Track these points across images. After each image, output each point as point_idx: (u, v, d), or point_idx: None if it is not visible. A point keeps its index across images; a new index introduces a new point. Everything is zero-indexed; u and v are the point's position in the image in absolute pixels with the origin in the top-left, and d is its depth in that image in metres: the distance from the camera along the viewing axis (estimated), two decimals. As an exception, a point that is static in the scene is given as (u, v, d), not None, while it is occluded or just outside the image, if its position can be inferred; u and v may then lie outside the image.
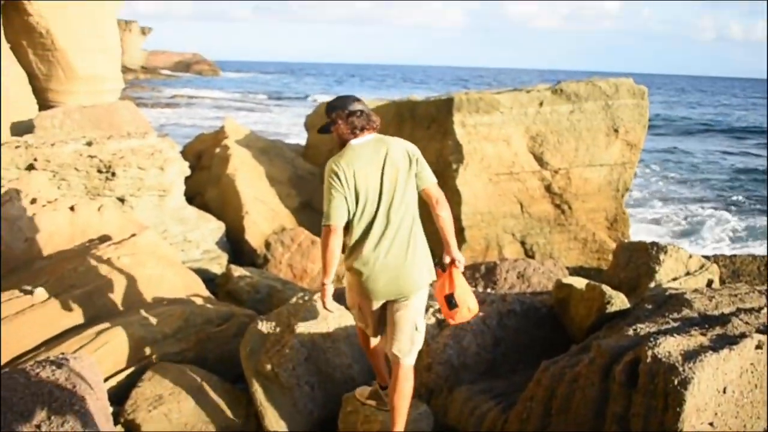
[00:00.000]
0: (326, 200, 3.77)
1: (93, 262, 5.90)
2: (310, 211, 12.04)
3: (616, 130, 11.81)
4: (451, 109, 11.20)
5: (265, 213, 11.56)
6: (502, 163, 11.40)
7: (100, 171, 8.96)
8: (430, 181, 3.98)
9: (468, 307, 4.02)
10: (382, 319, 4.02)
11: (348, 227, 3.84)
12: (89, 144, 9.25)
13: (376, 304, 3.95)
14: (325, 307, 3.98)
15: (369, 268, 3.82)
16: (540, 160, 11.63)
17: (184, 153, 12.72)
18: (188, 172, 10.24)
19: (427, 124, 11.85)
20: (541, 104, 11.68)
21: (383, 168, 3.82)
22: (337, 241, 3.77)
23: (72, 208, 6.70)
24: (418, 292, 3.95)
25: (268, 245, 10.83)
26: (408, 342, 3.93)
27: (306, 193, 12.54)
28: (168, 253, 6.89)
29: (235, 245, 11.10)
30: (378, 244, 3.81)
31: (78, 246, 6.48)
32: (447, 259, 4.06)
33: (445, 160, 11.28)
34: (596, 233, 11.84)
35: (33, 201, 6.73)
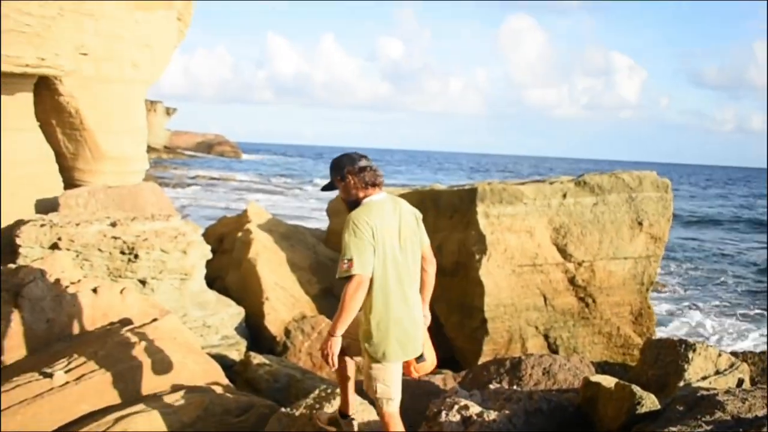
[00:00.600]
0: (355, 250, 3.72)
1: (113, 347, 5.79)
2: (330, 299, 11.92)
3: (640, 223, 11.75)
4: (474, 200, 11.21)
5: (285, 299, 11.47)
6: (526, 254, 11.31)
7: (123, 252, 8.95)
8: (426, 242, 4.18)
9: (432, 360, 4.16)
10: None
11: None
12: (113, 225, 9.27)
13: (396, 365, 3.93)
14: (330, 361, 3.82)
15: (394, 326, 3.86)
16: (563, 252, 11.54)
17: (206, 235, 12.74)
18: (210, 255, 10.21)
19: (450, 214, 11.84)
20: (564, 196, 11.67)
21: (400, 227, 3.92)
22: (363, 293, 3.75)
23: (95, 290, 6.64)
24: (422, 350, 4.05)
25: (287, 332, 10.69)
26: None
27: (327, 280, 12.45)
28: (188, 339, 6.77)
29: (255, 331, 10.96)
30: (403, 300, 3.89)
31: (99, 329, 6.39)
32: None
33: (468, 251, 11.21)
34: (621, 327, 11.61)
35: (56, 281, 6.68)
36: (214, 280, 11.98)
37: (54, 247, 8.67)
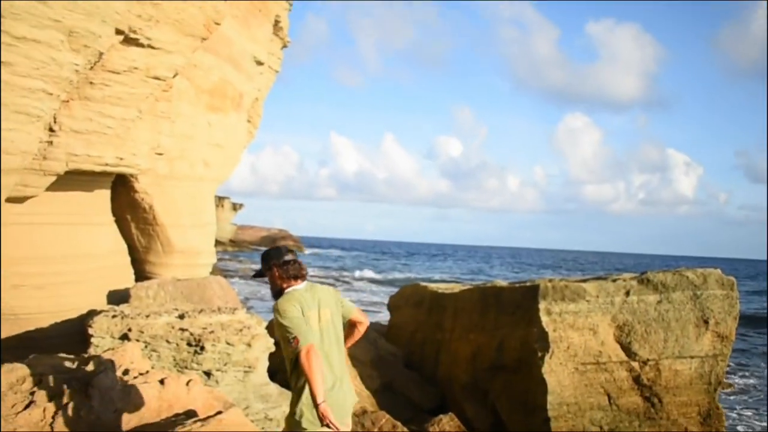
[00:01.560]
0: (294, 329, 4.30)
1: (178, 438, 5.91)
2: (391, 394, 11.86)
3: (706, 321, 11.48)
4: (536, 296, 11.17)
5: (345, 393, 11.43)
6: (589, 352, 11.12)
7: (189, 344, 9.17)
8: (353, 310, 4.83)
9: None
10: None
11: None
12: (181, 317, 9.54)
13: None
14: (331, 424, 4.15)
15: (329, 396, 4.25)
16: (628, 350, 11.31)
17: (269, 328, 12.86)
18: (273, 348, 10.35)
19: (512, 311, 11.79)
20: (627, 293, 11.53)
21: (320, 310, 4.53)
22: (317, 356, 4.25)
23: (162, 382, 6.81)
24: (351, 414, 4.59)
25: (348, 427, 10.61)
26: None
27: (388, 375, 12.41)
28: (251, 432, 6.84)
29: (315, 425, 10.89)
30: (332, 374, 4.43)
31: (164, 420, 6.51)
32: None
33: (530, 348, 11.09)
34: (689, 428, 11.19)
35: (125, 372, 6.89)
36: (275, 373, 12.04)
37: (124, 337, 8.96)
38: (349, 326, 4.83)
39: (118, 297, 11.91)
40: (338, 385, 4.45)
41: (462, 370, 12.64)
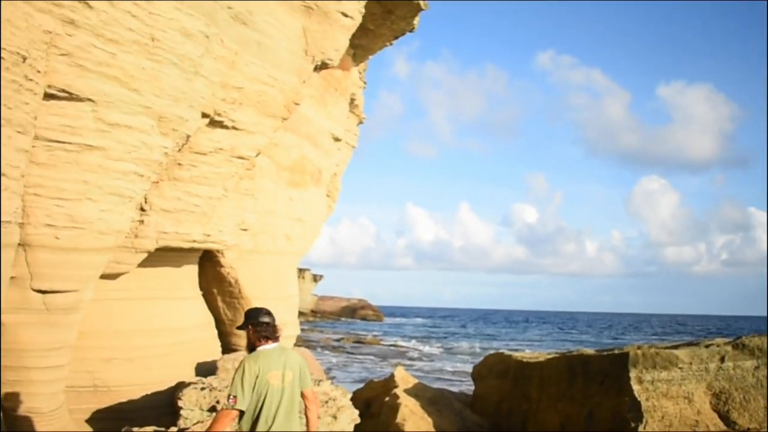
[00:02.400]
0: (239, 390, 4.98)
1: None
2: (477, 466, 11.60)
3: (809, 388, 10.87)
4: (626, 365, 10.84)
5: (431, 465, 11.27)
6: (685, 422, 10.65)
7: (275, 416, 9.22)
8: (310, 385, 5.43)
9: None
10: None
11: (245, 414, 5.04)
12: (267, 389, 9.63)
13: None
14: None
15: None
16: (726, 419, 10.79)
17: (354, 399, 12.86)
18: (358, 420, 10.32)
19: (601, 379, 11.44)
20: (722, 359, 11.07)
21: (284, 371, 5.14)
22: (232, 422, 5.02)
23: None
24: None
25: (433, 500, 10.42)
26: None
27: (473, 446, 12.18)
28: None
29: (399, 498, 10.75)
30: (281, 424, 5.05)
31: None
32: None
33: (622, 418, 10.71)
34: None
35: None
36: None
37: (212, 409, 9.10)
38: (303, 397, 5.40)
39: (206, 369, 12.12)
40: None
41: (550, 442, 12.26)
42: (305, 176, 16.06)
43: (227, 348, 13.80)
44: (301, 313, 72.31)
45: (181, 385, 10.18)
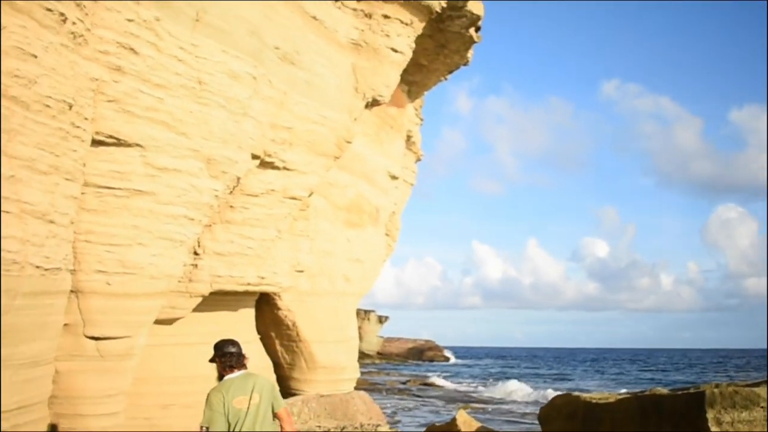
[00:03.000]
0: (208, 420, 5.43)
1: None
2: None
3: None
4: (702, 405, 10.17)
5: None
6: (770, 466, 9.89)
7: (331, 463, 8.96)
8: (282, 406, 5.71)
9: None
10: None
11: None
12: (323, 435, 9.38)
13: None
14: None
15: None
16: (818, 462, 9.97)
17: (414, 444, 12.50)
18: (417, 466, 9.96)
19: (675, 421, 10.76)
20: (810, 398, 10.28)
21: (251, 395, 5.50)
22: None
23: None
24: None
25: None
26: None
27: (541, 494, 11.58)
28: None
29: None
30: None
31: None
32: None
33: (699, 462, 10.02)
34: None
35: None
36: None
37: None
38: (278, 418, 5.69)
39: (264, 416, 11.92)
40: None
41: (624, 488, 11.57)
42: (363, 216, 15.93)
43: (286, 392, 13.60)
44: (366, 356, 72.19)
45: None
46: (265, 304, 13.39)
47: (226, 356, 5.71)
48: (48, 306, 6.97)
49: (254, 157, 9.55)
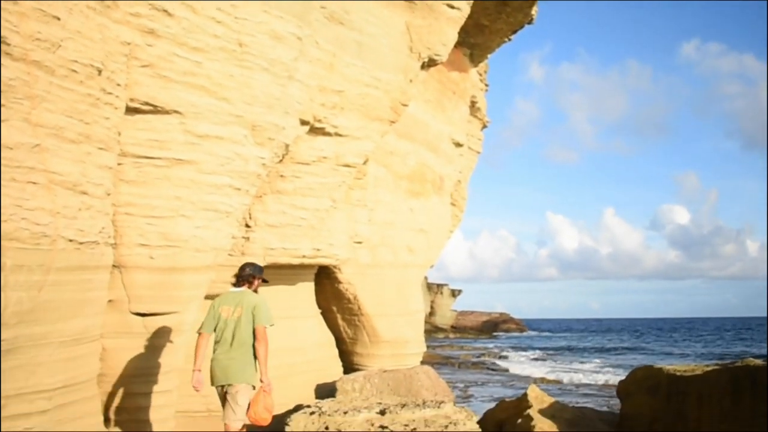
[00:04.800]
0: (203, 321, 6.79)
1: None
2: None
3: None
4: (799, 378, 9.28)
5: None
6: None
7: (389, 443, 8.50)
8: (260, 323, 6.60)
9: (260, 416, 6.57)
10: (223, 399, 6.67)
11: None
12: (382, 413, 8.94)
13: (218, 386, 6.65)
14: (193, 386, 6.73)
15: (215, 363, 6.62)
16: None
17: (484, 420, 12.02)
18: (483, 445, 9.43)
19: (771, 397, 9.87)
20: None
21: (236, 307, 6.63)
22: (204, 343, 6.73)
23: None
24: (238, 383, 6.54)
25: None
26: (231, 413, 6.54)
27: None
28: None
29: None
30: (225, 350, 6.59)
31: None
32: (261, 381, 6.65)
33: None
34: None
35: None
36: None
37: (321, 436, 8.49)
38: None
39: (326, 390, 11.64)
40: (224, 357, 6.57)
41: (712, 469, 10.75)
42: (426, 185, 15.38)
43: (349, 368, 13.28)
44: (440, 329, 71.90)
45: (297, 408, 9.67)
46: (325, 278, 13.04)
47: (239, 274, 6.92)
48: (86, 282, 6.67)
49: (303, 122, 9.09)
